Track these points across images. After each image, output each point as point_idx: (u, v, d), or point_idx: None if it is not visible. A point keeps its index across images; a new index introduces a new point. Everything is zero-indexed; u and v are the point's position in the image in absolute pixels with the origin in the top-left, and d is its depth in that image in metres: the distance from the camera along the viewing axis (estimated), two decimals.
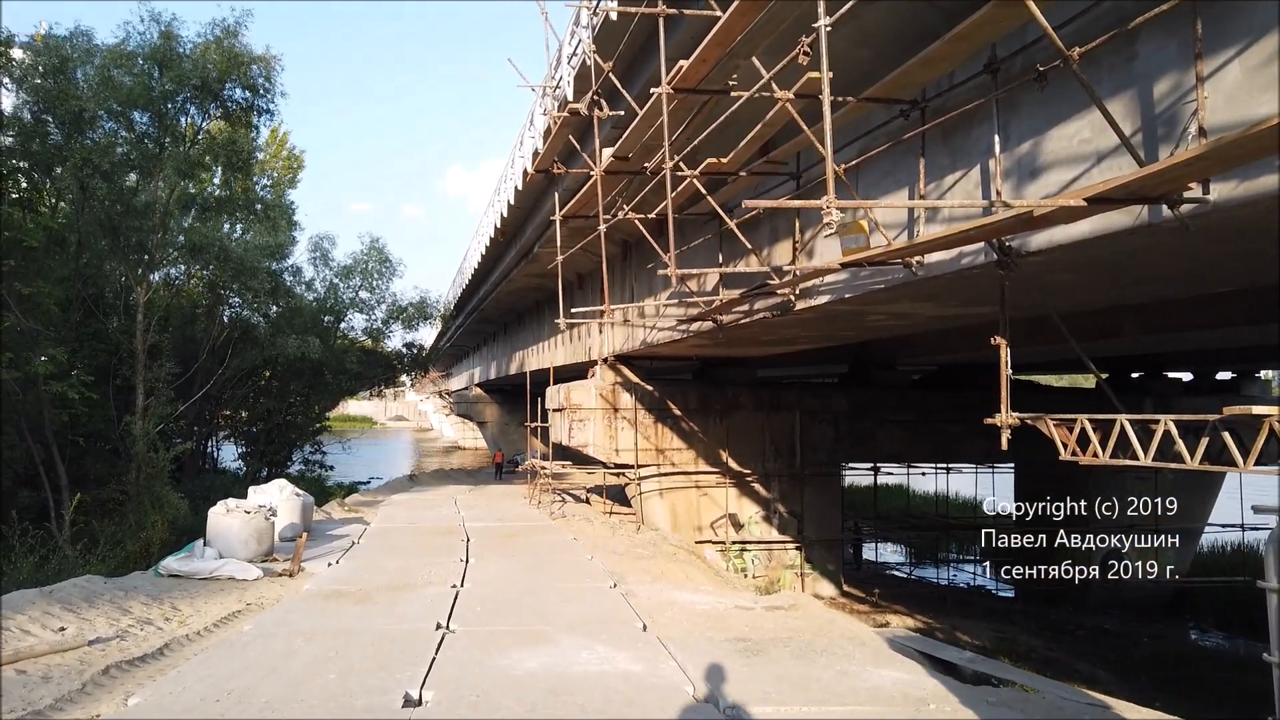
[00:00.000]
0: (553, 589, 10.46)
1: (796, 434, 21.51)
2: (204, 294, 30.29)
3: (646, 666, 6.93)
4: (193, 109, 20.41)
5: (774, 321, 12.80)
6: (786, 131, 10.17)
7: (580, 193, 12.59)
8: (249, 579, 11.40)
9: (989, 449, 23.82)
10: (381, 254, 34.40)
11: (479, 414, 60.86)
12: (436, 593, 10.10)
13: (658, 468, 20.82)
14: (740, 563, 21.27)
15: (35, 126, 17.92)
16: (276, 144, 39.34)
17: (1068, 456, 7.42)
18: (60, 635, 7.71)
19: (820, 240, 10.99)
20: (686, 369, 22.01)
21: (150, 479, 18.31)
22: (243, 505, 12.63)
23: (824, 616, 9.35)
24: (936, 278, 8.84)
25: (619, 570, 12.27)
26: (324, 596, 9.78)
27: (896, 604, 21.76)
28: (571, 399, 20.52)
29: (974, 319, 13.30)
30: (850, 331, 14.92)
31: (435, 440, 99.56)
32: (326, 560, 12.67)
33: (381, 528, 17.10)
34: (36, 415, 17.94)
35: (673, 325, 16.58)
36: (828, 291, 10.76)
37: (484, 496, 24.62)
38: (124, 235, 19.02)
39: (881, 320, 12.87)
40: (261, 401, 32.86)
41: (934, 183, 8.68)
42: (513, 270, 26.42)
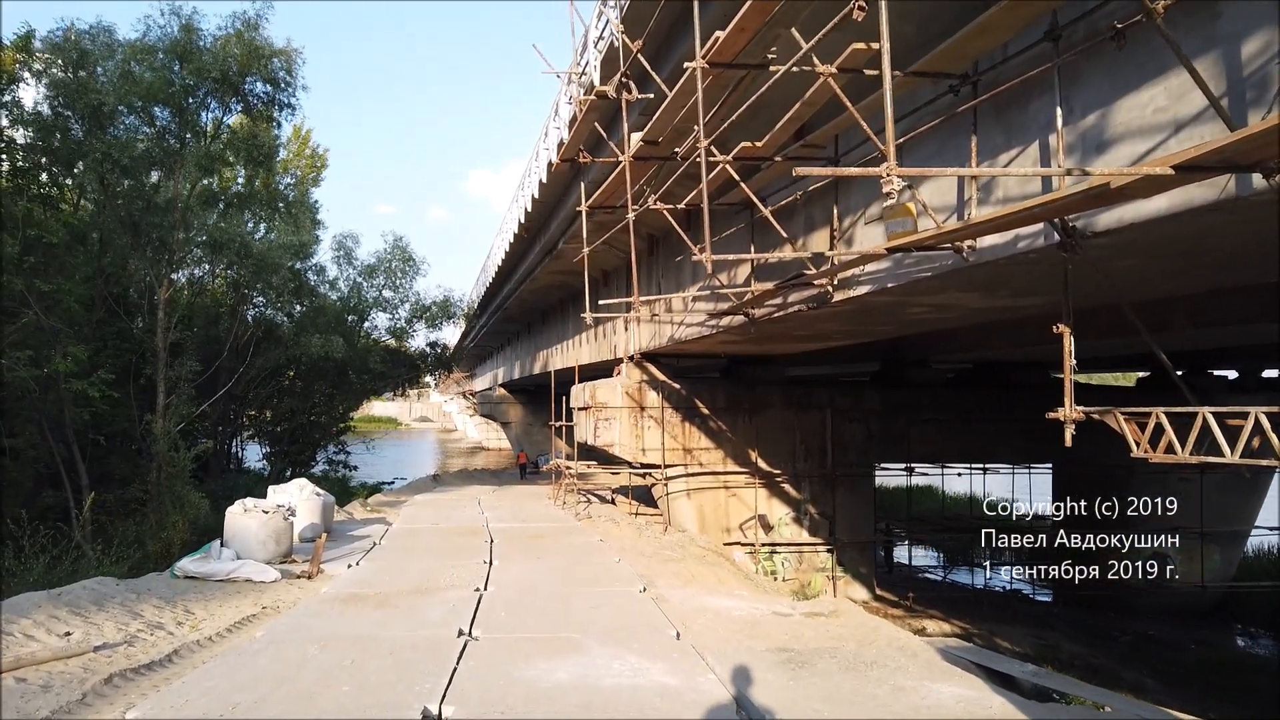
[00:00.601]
0: (580, 593, 10.00)
1: (828, 433, 20.93)
2: (228, 293, 30.21)
3: (684, 679, 6.43)
4: (213, 103, 20.18)
5: (809, 315, 12.26)
6: (823, 114, 9.66)
7: (607, 182, 12.11)
8: (266, 581, 11.03)
9: (1026, 448, 23.26)
10: (405, 252, 34.25)
11: (503, 414, 60.65)
12: (459, 597, 9.66)
13: (685, 468, 20.34)
14: (770, 565, 20.73)
15: (55, 122, 17.73)
16: (299, 142, 39.27)
17: (1139, 454, 6.82)
18: (65, 641, 7.34)
19: (860, 228, 10.46)
20: (714, 367, 21.50)
21: (171, 478, 18.07)
22: (261, 505, 12.26)
23: (868, 624, 8.81)
24: (989, 264, 8.28)
25: (648, 573, 11.79)
26: (342, 600, 9.36)
27: (931, 608, 21.13)
28: (597, 397, 20.07)
29: (1018, 313, 12.69)
30: (887, 326, 14.33)
31: (459, 441, 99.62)
32: (347, 562, 12.28)
33: (404, 528, 16.72)
34: (58, 414, 17.75)
35: (701, 321, 16.08)
36: (868, 281, 10.22)
37: (508, 497, 24.24)
38: (145, 232, 18.80)
39: (922, 313, 12.28)
40: (285, 401, 32.71)
41: (987, 161, 8.12)
42: (537, 267, 26.02)
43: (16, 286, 15.19)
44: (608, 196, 12.70)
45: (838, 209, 10.82)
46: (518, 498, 23.98)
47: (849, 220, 10.73)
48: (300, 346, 28.62)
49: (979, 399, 22.49)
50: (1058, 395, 7.40)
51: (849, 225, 10.72)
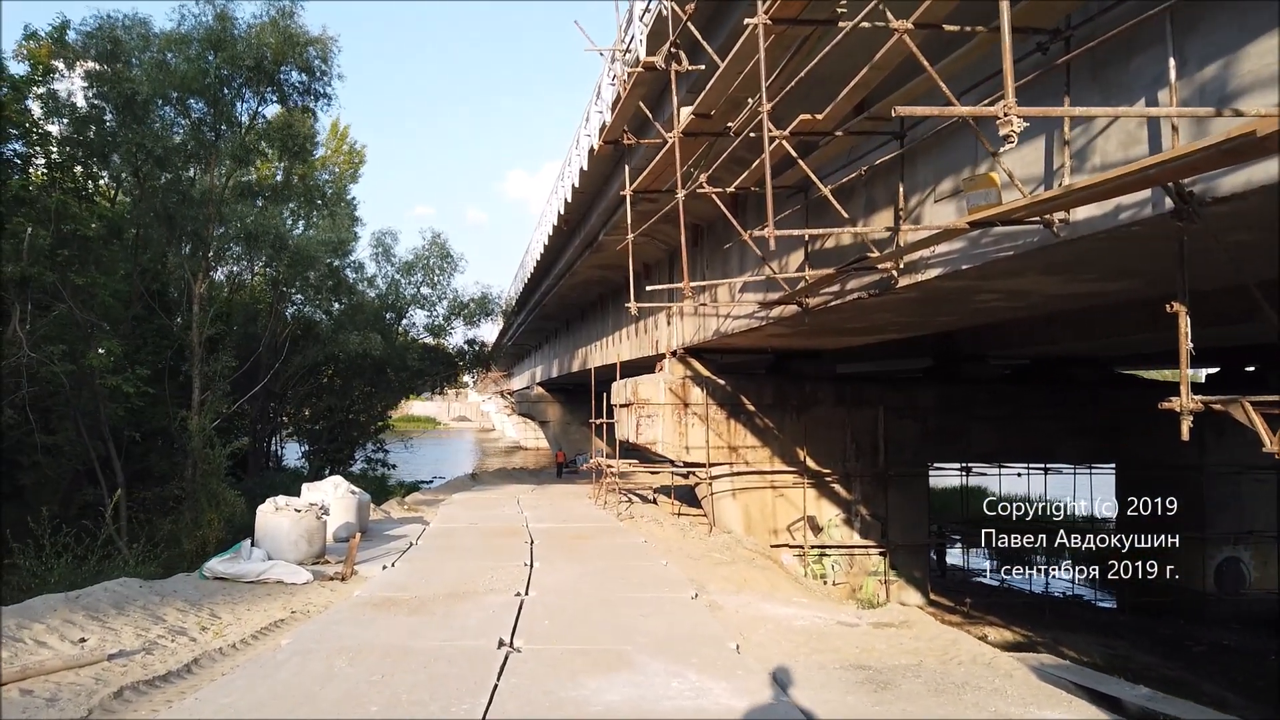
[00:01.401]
0: (628, 599, 9.32)
1: (880, 431, 20.09)
2: (266, 290, 30.08)
3: (752, 702, 5.71)
4: (248, 94, 19.82)
5: (868, 303, 11.48)
6: (887, 86, 8.91)
7: (653, 163, 11.42)
8: (298, 583, 10.51)
9: (1088, 448, 22.14)
10: (443, 249, 33.90)
11: (541, 413, 60.36)
12: (499, 602, 9.03)
13: (730, 466, 19.64)
14: (819, 568, 19.95)
15: (90, 113, 17.46)
16: (338, 138, 39.06)
17: (1271, 449, 5.96)
18: (79, 648, 6.83)
19: (929, 207, 9.65)
20: (760, 364, 20.70)
21: (206, 475, 17.73)
22: (293, 503, 11.74)
23: (944, 636, 8.02)
24: (1081, 240, 7.45)
25: (698, 578, 11.08)
26: (374, 605, 8.77)
27: (989, 614, 20.18)
28: (639, 394, 19.41)
29: (1096, 300, 11.76)
30: (949, 317, 13.46)
31: (497, 440, 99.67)
32: (381, 563, 11.72)
33: (441, 528, 16.19)
34: (93, 411, 17.48)
35: (749, 313, 15.35)
36: (938, 264, 9.41)
37: (547, 496, 23.66)
38: (179, 225, 18.50)
39: (991, 301, 11.42)
40: (324, 399, 32.51)
41: (1081, 125, 7.30)
42: (576, 261, 25.42)
43: (48, 279, 14.90)
44: (654, 180, 12.01)
45: (903, 187, 10.01)
46: (557, 497, 23.40)
47: (915, 199, 9.93)
48: (338, 344, 28.36)
49: (1038, 396, 21.47)
50: (1122, 391, 6.61)
51: (915, 205, 9.92)
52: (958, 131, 9.04)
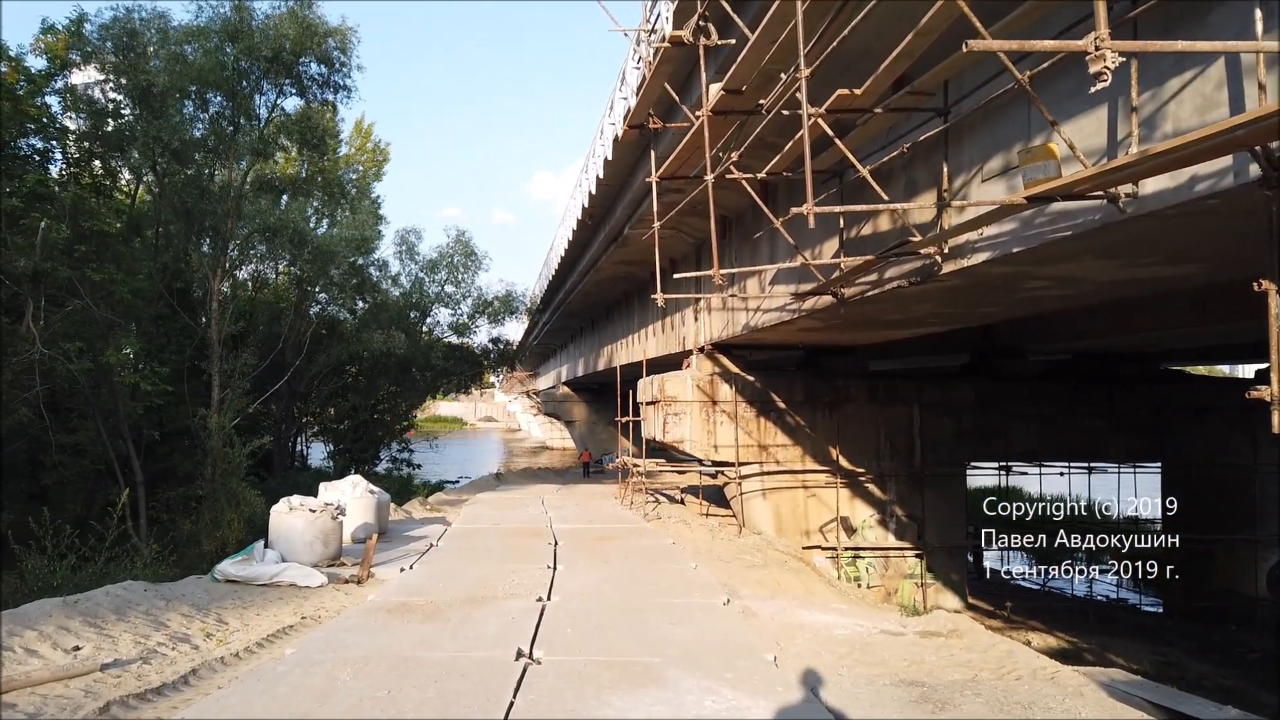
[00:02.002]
0: (655, 605, 8.78)
1: (915, 429, 19.41)
2: (291, 289, 29.91)
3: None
4: (267, 85, 19.47)
5: (908, 293, 10.87)
6: (928, 60, 8.33)
7: (681, 145, 10.86)
8: (312, 586, 10.09)
9: (1134, 447, 21.25)
10: (467, 247, 33.61)
11: (566, 413, 59.97)
12: (519, 608, 8.53)
13: (760, 466, 19.05)
14: (853, 571, 19.30)
15: (107, 106, 17.20)
16: (362, 136, 38.81)
17: None
18: (71, 657, 6.41)
19: (976, 187, 9.02)
20: (790, 360, 20.06)
21: (225, 475, 17.42)
22: (308, 503, 11.32)
23: (1000, 648, 7.40)
24: (1149, 216, 6.82)
25: (729, 582, 10.53)
26: (388, 611, 8.30)
27: (1032, 619, 19.41)
28: (666, 391, 18.87)
29: (1154, 287, 11.04)
30: (994, 307, 12.77)
31: (523, 441, 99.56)
32: (399, 565, 11.28)
33: (463, 529, 15.75)
34: (113, 410, 17.23)
35: (780, 306, 14.77)
36: (987, 248, 8.79)
37: (572, 496, 23.18)
38: (197, 220, 18.21)
39: (1041, 289, 10.75)
40: (348, 398, 32.29)
41: (1150, 90, 6.67)
42: (601, 257, 24.91)
43: (62, 275, 14.62)
44: (681, 164, 11.46)
45: (947, 167, 9.39)
46: (582, 497, 22.91)
47: (961, 180, 9.30)
48: (362, 342, 28.14)
49: (1080, 392, 20.66)
50: (1169, 387, 5.98)
51: (961, 185, 9.30)
52: (1008, 105, 8.42)
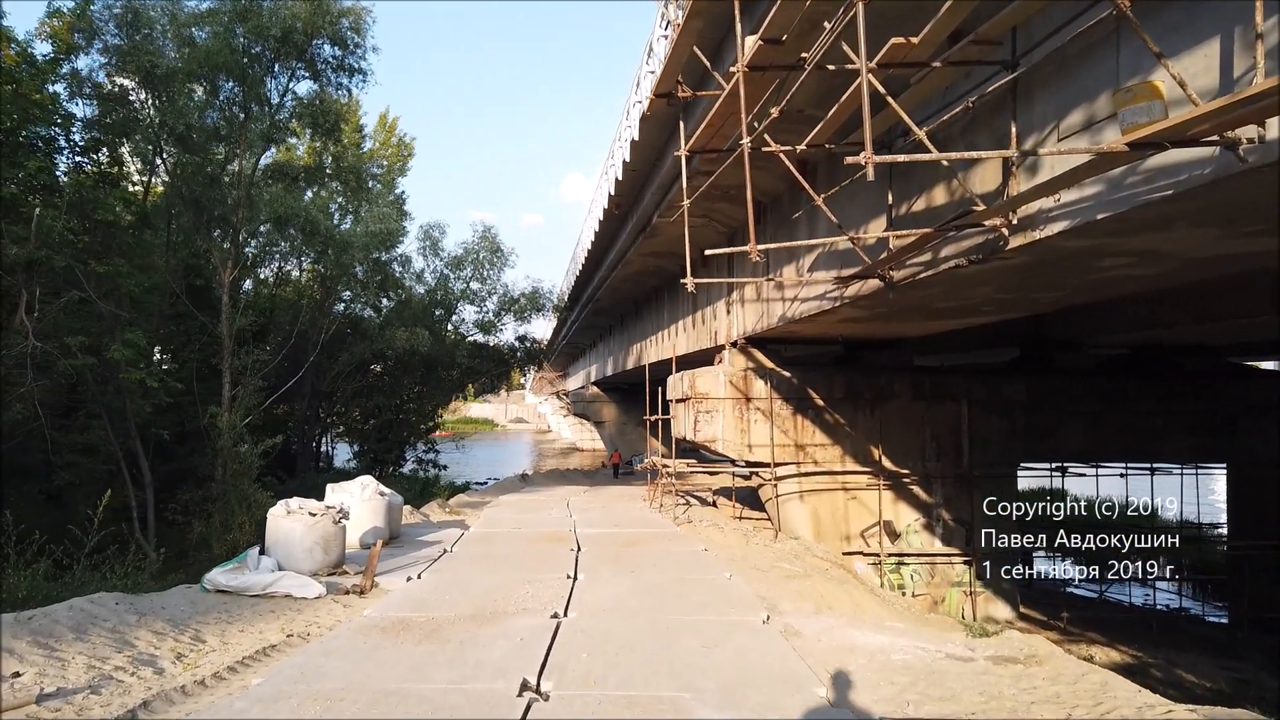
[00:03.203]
0: (686, 624, 7.77)
1: (964, 427, 18.22)
2: (313, 286, 29.33)
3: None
4: (278, 68, 18.65)
5: (966, 274, 9.78)
6: (985, 11, 7.31)
7: (714, 111, 9.83)
8: (308, 597, 9.20)
9: (1197, 446, 19.82)
10: (493, 243, 32.82)
11: (596, 413, 59.18)
12: (530, 626, 7.55)
13: (797, 466, 17.98)
14: (896, 578, 18.16)
15: (113, 90, 16.50)
16: (386, 130, 38.07)
17: None
18: (9, 685, 5.54)
19: (1052, 146, 7.91)
20: (828, 356, 18.93)
21: (236, 476, 16.65)
22: (307, 506, 10.40)
23: (1091, 678, 6.28)
24: (1273, 167, 5.72)
25: (768, 594, 9.49)
26: (382, 629, 7.35)
27: (1090, 631, 18.14)
28: (697, 387, 17.86)
29: (1244, 265, 9.84)
30: (1059, 291, 11.60)
31: (554, 442, 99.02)
32: (407, 573, 10.35)
33: (482, 533, 14.85)
34: (120, 408, 16.52)
35: (820, 294, 13.70)
36: (1064, 216, 7.69)
37: (599, 499, 22.19)
38: (207, 209, 17.47)
39: (1118, 267, 9.60)
40: (372, 398, 31.62)
41: (1277, 15, 5.56)
42: (629, 249, 23.93)
43: (58, 264, 13.86)
44: (713, 134, 10.42)
45: (1016, 126, 8.27)
46: (610, 499, 21.93)
47: (1032, 140, 8.19)
48: (385, 340, 27.44)
49: (1140, 388, 19.31)
50: (1237, 383, 4.89)
51: (1033, 146, 8.19)
52: (1090, 51, 7.32)
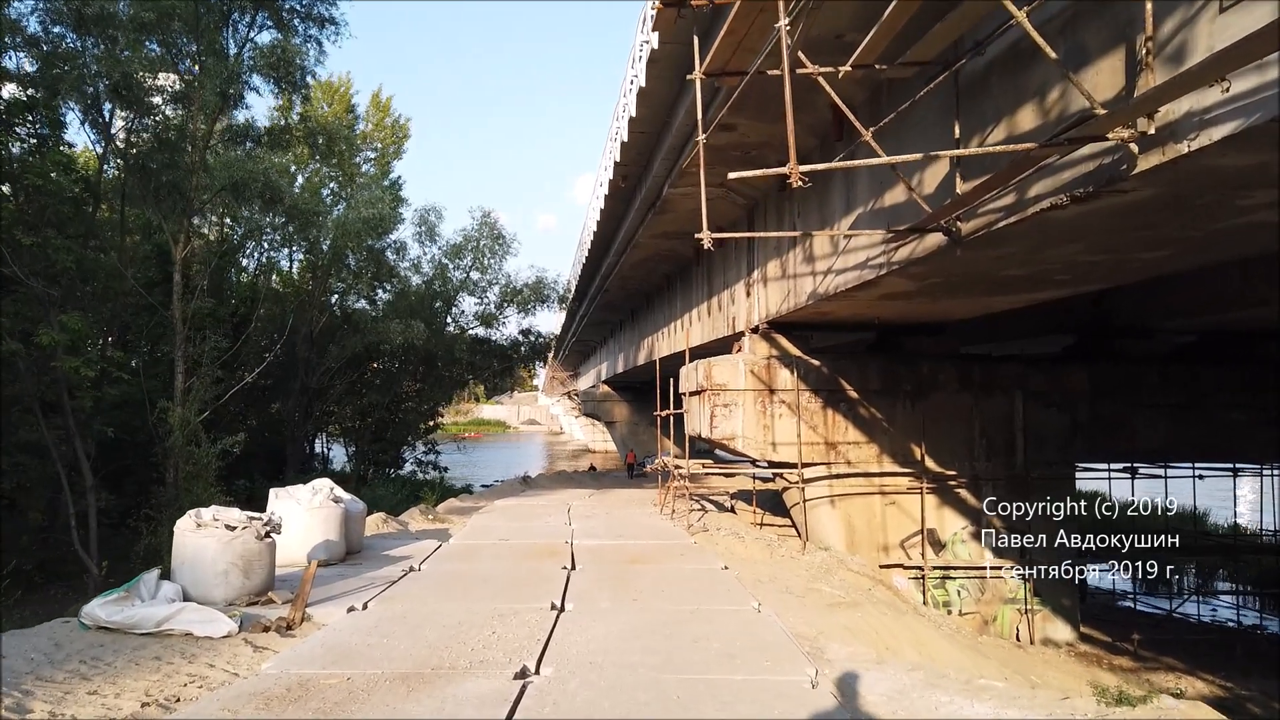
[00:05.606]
0: (705, 683, 5.61)
1: (1018, 423, 16.05)
2: (305, 278, 27.48)
3: None
4: (236, 16, 16.52)
5: (1059, 221, 7.63)
6: None
7: (736, 7, 7.69)
8: (214, 636, 7.07)
9: None
10: (494, 230, 30.79)
11: (607, 413, 57.21)
12: (481, 695, 5.40)
13: (827, 467, 15.86)
14: (942, 594, 16.00)
15: (45, 38, 14.43)
16: (380, 111, 35.79)
17: None
18: None
19: (1202, 27, 5.71)
20: (859, 343, 16.69)
21: (190, 478, 14.58)
22: (224, 517, 8.23)
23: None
24: None
25: (809, 632, 7.30)
26: (267, 700, 5.22)
27: (1164, 655, 15.84)
28: (713, 378, 15.70)
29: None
30: (1165, 250, 9.29)
31: (566, 443, 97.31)
32: (351, 601, 8.23)
33: (462, 545, 12.73)
34: (57, 400, 14.52)
35: (861, 262, 11.52)
36: (1230, 115, 5.47)
37: (605, 503, 19.99)
38: (155, 175, 15.39)
39: (1263, 208, 7.34)
40: (366, 395, 29.64)
41: None
42: (638, 230, 21.79)
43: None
44: (735, 49, 8.27)
45: (1152, 5, 6.04)
46: (616, 504, 19.72)
47: (1171, 23, 5.99)
48: (379, 333, 25.48)
49: (1218, 378, 16.94)
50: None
51: (1174, 30, 5.98)
52: None
